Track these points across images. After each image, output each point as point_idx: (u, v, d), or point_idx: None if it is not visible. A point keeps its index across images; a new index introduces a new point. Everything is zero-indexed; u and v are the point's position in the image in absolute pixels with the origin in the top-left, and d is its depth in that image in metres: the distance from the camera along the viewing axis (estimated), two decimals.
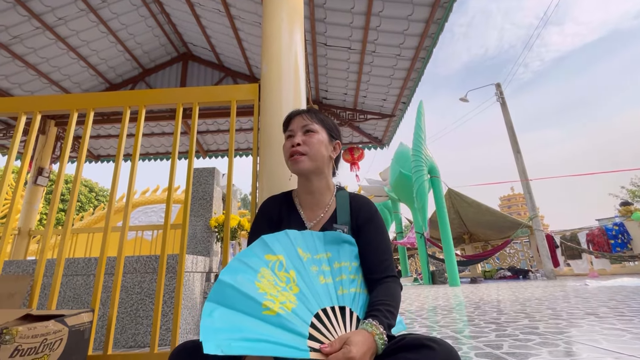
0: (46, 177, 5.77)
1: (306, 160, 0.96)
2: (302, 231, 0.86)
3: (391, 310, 0.79)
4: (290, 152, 0.98)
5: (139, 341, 2.25)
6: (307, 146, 0.97)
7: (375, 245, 0.92)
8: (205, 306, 0.68)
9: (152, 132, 6.85)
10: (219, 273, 0.74)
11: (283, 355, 0.64)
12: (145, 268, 2.45)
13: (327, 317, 0.74)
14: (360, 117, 6.22)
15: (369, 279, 0.89)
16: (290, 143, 0.99)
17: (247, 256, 0.77)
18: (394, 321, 0.78)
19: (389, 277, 0.88)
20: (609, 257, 8.35)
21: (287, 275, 0.77)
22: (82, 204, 20.57)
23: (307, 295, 0.76)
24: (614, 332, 1.73)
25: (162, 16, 5.36)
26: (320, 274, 0.80)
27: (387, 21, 4.32)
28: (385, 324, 0.74)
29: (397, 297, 0.84)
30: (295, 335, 0.68)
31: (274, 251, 0.80)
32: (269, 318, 0.69)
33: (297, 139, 0.98)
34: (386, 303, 0.79)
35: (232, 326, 0.65)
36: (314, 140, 0.97)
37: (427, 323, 2.44)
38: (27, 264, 2.56)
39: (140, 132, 1.69)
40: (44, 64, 5.09)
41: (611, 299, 3.26)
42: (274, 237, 0.82)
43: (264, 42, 1.72)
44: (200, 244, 3.56)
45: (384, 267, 0.89)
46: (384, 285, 0.85)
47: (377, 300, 0.81)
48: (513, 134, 10.28)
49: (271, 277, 0.76)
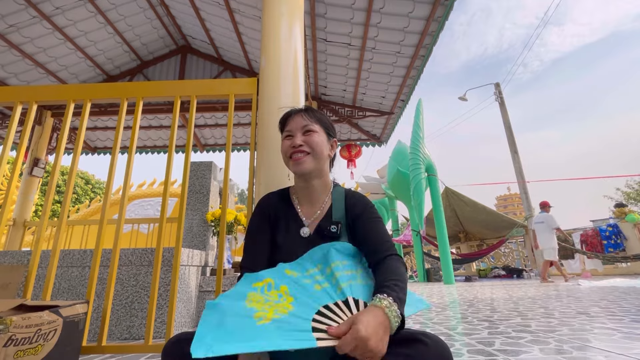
0: (42, 168, 5.73)
1: (309, 161, 0.95)
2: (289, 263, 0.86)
3: (398, 284, 0.73)
4: (290, 152, 0.96)
5: (134, 333, 2.26)
6: (309, 145, 0.96)
7: (370, 230, 0.91)
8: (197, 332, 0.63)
9: (149, 124, 6.81)
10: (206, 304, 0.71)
11: (288, 347, 0.58)
12: (141, 261, 2.45)
13: (331, 311, 0.70)
14: (359, 113, 6.21)
15: (372, 262, 0.85)
16: (290, 143, 0.97)
17: (231, 291, 0.76)
18: (404, 296, 0.72)
19: (391, 255, 0.84)
20: (601, 258, 8.43)
21: (278, 291, 0.75)
22: (78, 196, 20.46)
23: (305, 299, 0.73)
24: (604, 331, 1.76)
25: (161, 8, 5.30)
26: (315, 284, 0.78)
27: (387, 18, 4.30)
28: (395, 296, 0.68)
29: (403, 274, 0.79)
30: (297, 331, 0.63)
31: (261, 277, 0.79)
32: (265, 326, 0.63)
33: (297, 139, 0.96)
34: (391, 278, 0.74)
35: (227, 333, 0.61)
36: (316, 140, 0.96)
37: (421, 320, 2.46)
38: (22, 255, 2.55)
39: (138, 125, 1.68)
40: (41, 53, 5.04)
41: (603, 299, 3.30)
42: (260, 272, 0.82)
43: (264, 36, 1.71)
44: (197, 238, 3.56)
45: (385, 248, 0.86)
46: (386, 264, 0.81)
47: (381, 279, 0.76)
48: (511, 134, 10.32)
49: (261, 297, 0.72)
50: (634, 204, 25.75)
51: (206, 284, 2.86)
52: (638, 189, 25.91)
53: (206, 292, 2.83)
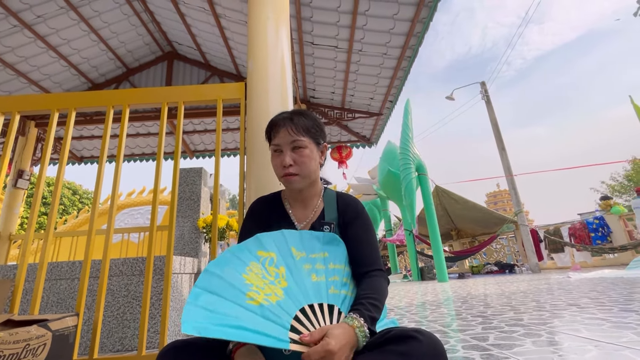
0: (27, 179, 5.60)
1: (299, 181, 0.96)
2: (300, 231, 0.87)
3: (375, 303, 0.78)
4: (283, 172, 0.95)
5: (126, 345, 2.21)
6: (299, 166, 0.94)
7: (361, 240, 0.93)
8: (192, 291, 0.70)
9: (137, 132, 6.72)
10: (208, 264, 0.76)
11: (262, 343, 0.64)
12: (132, 270, 2.41)
13: (314, 313, 0.74)
14: (348, 115, 6.25)
15: (356, 273, 0.89)
16: (280, 162, 0.95)
17: (239, 250, 0.80)
18: (378, 314, 0.77)
19: (375, 271, 0.88)
20: (590, 250, 8.62)
21: (277, 270, 0.78)
22: (66, 207, 20.04)
23: (295, 290, 0.76)
24: (594, 322, 1.79)
25: (146, 14, 5.26)
26: (312, 272, 0.81)
27: (373, 20, 4.34)
28: (367, 316, 0.73)
29: (383, 291, 0.84)
30: (277, 325, 0.69)
31: (267, 248, 0.82)
32: (251, 307, 0.70)
33: (287, 158, 0.94)
34: (370, 296, 0.79)
35: (214, 310, 0.67)
36: (305, 158, 0.94)
37: (416, 318, 2.48)
38: (8, 269, 2.48)
39: (125, 132, 1.66)
40: (23, 63, 4.93)
41: (592, 290, 3.37)
42: (268, 236, 0.84)
43: (250, 39, 1.71)
44: (188, 245, 3.52)
45: (371, 261, 0.90)
46: (370, 279, 0.86)
47: (362, 294, 0.81)
48: (498, 132, 10.48)
49: (260, 271, 0.77)
50: (619, 196, 26.43)
51: None
52: (622, 182, 26.61)
53: None
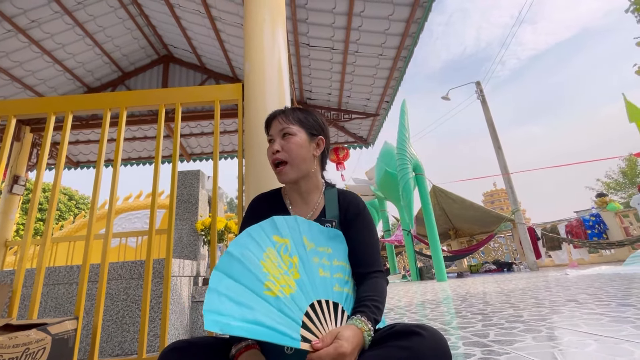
0: (22, 185, 5.56)
1: (289, 171, 0.96)
2: (309, 221, 0.87)
3: (378, 306, 0.80)
4: (272, 159, 0.98)
5: (126, 349, 2.20)
6: (286, 152, 0.96)
7: (363, 239, 0.93)
8: (213, 274, 0.70)
9: (133, 136, 6.69)
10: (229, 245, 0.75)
11: (276, 342, 0.65)
12: (131, 274, 2.40)
13: (322, 309, 0.75)
14: (344, 116, 6.26)
15: (357, 272, 0.90)
16: (271, 149, 0.99)
17: (257, 232, 0.80)
18: (380, 317, 0.80)
19: (376, 272, 0.89)
20: (588, 245, 8.67)
21: (291, 260, 0.79)
22: (62, 213, 19.90)
23: (306, 283, 0.77)
24: (593, 317, 1.81)
25: (141, 18, 5.25)
26: (320, 267, 0.82)
27: (368, 21, 4.36)
28: (373, 319, 0.76)
29: (384, 293, 0.86)
30: (291, 320, 0.70)
31: (282, 234, 0.82)
32: (269, 298, 0.70)
33: (276, 145, 0.97)
34: (374, 299, 0.81)
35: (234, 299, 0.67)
36: (292, 145, 0.95)
37: (416, 317, 2.48)
38: (4, 275, 2.46)
39: (122, 136, 1.66)
40: (17, 68, 4.90)
41: (590, 286, 3.39)
42: (283, 220, 0.84)
43: (247, 42, 1.71)
44: (187, 248, 3.50)
45: (372, 262, 0.90)
46: (372, 281, 0.86)
47: (365, 295, 0.82)
48: (494, 131, 10.54)
49: (275, 259, 0.77)
50: (614, 193, 26.63)
51: (199, 294, 2.82)
52: (617, 179, 26.80)
53: (199, 303, 2.78)
